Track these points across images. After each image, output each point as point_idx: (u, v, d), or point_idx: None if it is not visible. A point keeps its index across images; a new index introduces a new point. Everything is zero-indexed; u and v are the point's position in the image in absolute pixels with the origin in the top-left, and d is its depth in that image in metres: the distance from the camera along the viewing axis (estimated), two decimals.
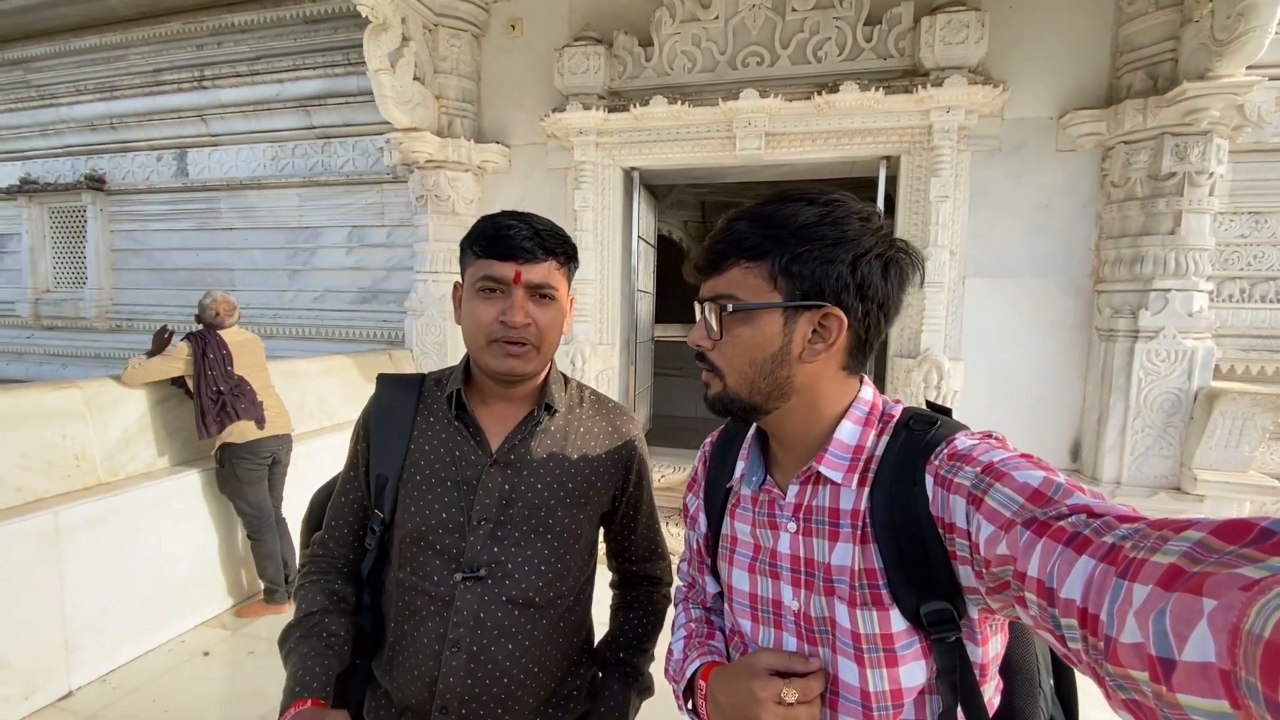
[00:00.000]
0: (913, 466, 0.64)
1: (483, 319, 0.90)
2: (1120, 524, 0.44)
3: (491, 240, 0.89)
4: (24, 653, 2.30)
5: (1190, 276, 3.10)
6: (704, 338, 0.71)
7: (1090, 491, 0.51)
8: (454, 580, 0.91)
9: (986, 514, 0.54)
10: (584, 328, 4.20)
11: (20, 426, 2.53)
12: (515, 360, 0.91)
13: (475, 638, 0.90)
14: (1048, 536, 0.47)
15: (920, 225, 3.61)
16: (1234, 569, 0.34)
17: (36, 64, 5.85)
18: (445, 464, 0.95)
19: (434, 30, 4.17)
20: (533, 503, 0.94)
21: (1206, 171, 3.03)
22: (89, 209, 6.00)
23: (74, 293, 6.25)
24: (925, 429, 0.66)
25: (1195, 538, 0.38)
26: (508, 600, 0.91)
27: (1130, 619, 0.38)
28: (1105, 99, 3.35)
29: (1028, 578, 0.48)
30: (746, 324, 0.67)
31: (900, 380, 3.64)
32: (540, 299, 0.91)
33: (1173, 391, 3.14)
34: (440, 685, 0.89)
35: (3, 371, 6.53)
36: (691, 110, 3.77)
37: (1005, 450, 0.59)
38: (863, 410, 0.71)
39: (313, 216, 5.27)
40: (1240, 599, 0.32)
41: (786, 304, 0.66)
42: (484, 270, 0.89)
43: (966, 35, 3.37)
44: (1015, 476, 0.54)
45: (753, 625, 0.75)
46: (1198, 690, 0.34)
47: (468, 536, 0.92)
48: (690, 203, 8.91)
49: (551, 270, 0.92)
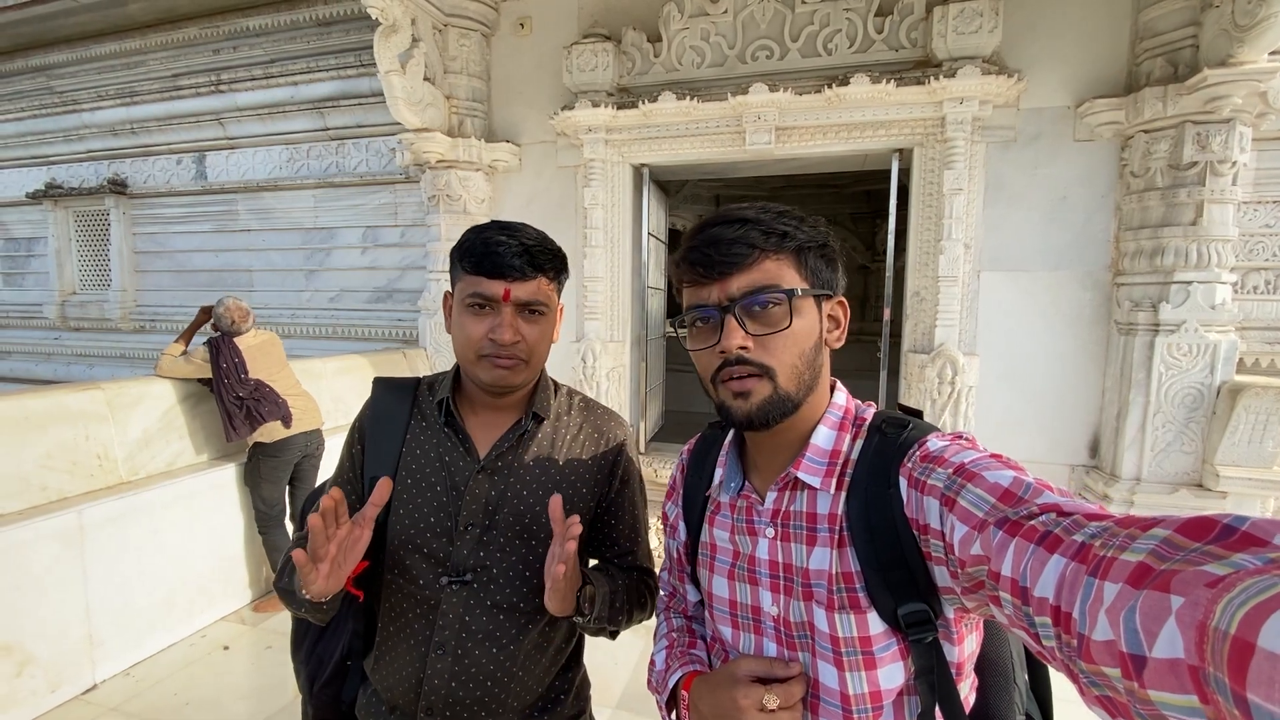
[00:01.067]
0: (886, 469, 0.64)
1: (472, 335, 0.90)
2: (1089, 522, 0.45)
3: (481, 257, 0.89)
4: (50, 647, 2.37)
5: (1213, 268, 3.03)
6: (746, 338, 0.66)
7: (1059, 490, 0.52)
8: (440, 584, 0.92)
9: (959, 515, 0.54)
10: (594, 325, 4.21)
11: (45, 428, 2.60)
12: (504, 372, 0.91)
13: (460, 641, 0.91)
14: (1020, 536, 0.48)
15: (934, 219, 3.56)
16: (1199, 566, 0.35)
17: (59, 70, 5.98)
18: (435, 469, 0.96)
19: (444, 30, 4.19)
20: (518, 509, 0.94)
21: (1229, 160, 2.94)
22: (112, 212, 6.13)
23: (99, 294, 6.40)
24: (898, 432, 0.67)
25: (1161, 535, 0.39)
26: (493, 605, 0.92)
27: (1102, 616, 0.39)
28: (1124, 87, 3.27)
29: (1002, 577, 0.49)
30: (800, 314, 0.67)
31: (914, 376, 3.61)
32: (530, 315, 0.92)
33: (1194, 386, 3.07)
34: (425, 687, 0.91)
35: (32, 372, 6.71)
36: (700, 106, 3.75)
37: (976, 451, 0.60)
38: (837, 415, 0.71)
39: (328, 217, 5.34)
40: (1206, 596, 0.33)
41: (818, 291, 0.69)
42: (473, 287, 0.89)
43: (980, 24, 3.31)
44: (986, 477, 0.55)
45: (733, 632, 0.76)
46: (1168, 686, 0.34)
47: (455, 541, 0.93)
48: (704, 196, 8.88)
49: (541, 286, 0.92)
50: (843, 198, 8.98)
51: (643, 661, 2.56)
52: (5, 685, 2.22)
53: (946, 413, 3.48)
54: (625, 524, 1.05)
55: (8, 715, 2.23)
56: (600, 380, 4.17)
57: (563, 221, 4.30)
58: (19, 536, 2.30)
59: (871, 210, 9.10)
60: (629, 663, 2.61)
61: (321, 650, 1.03)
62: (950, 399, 3.48)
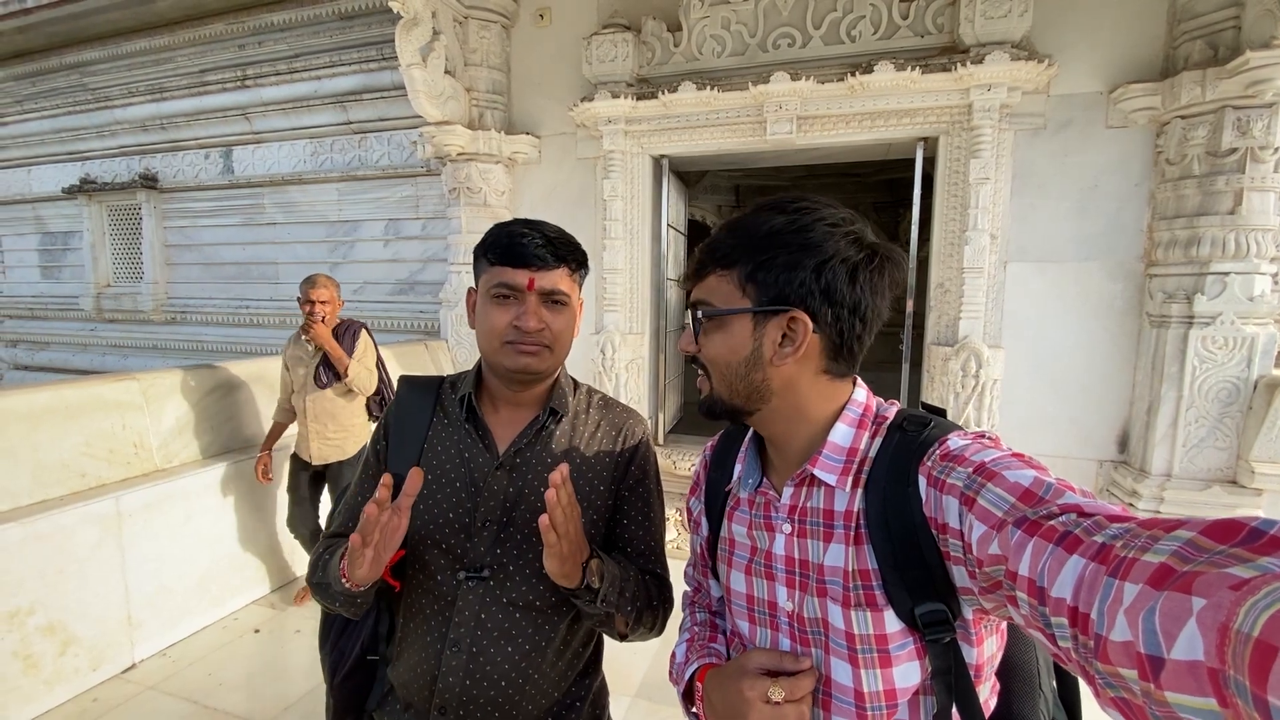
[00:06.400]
0: (906, 467, 0.64)
1: (497, 324, 0.93)
2: (1111, 523, 0.45)
3: (506, 248, 0.92)
4: (92, 628, 2.47)
5: (1251, 258, 2.93)
6: (690, 343, 0.75)
7: (1081, 490, 0.52)
8: (457, 580, 0.93)
9: (979, 514, 0.54)
10: (613, 317, 4.21)
11: (83, 417, 2.69)
12: (530, 358, 0.93)
13: (475, 638, 0.91)
14: (1039, 536, 0.48)
15: (959, 208, 3.49)
16: (1224, 568, 0.34)
17: (91, 68, 6.12)
18: (455, 465, 0.97)
19: (464, 23, 4.20)
20: (535, 505, 0.94)
21: (1271, 146, 2.84)
22: (144, 207, 6.28)
23: (132, 287, 6.58)
24: (918, 430, 0.66)
25: (1185, 537, 0.38)
26: (509, 603, 0.93)
27: (1120, 617, 0.38)
28: (1161, 71, 3.16)
29: (1019, 577, 0.48)
30: (720, 329, 0.70)
31: (937, 369, 3.56)
32: (553, 305, 0.94)
33: (1230, 380, 2.98)
34: (439, 684, 0.91)
35: (69, 362, 6.93)
36: (721, 95, 3.71)
37: (998, 450, 0.60)
38: (856, 412, 0.71)
39: (351, 210, 5.41)
40: (1229, 598, 0.32)
41: (752, 309, 0.68)
42: (499, 278, 0.92)
43: (1009, 8, 3.23)
44: (1006, 476, 0.54)
45: (750, 627, 0.77)
46: (1186, 688, 0.34)
47: (473, 538, 0.94)
48: (724, 187, 8.81)
49: (563, 277, 0.95)
50: (865, 187, 8.85)
51: (662, 651, 2.58)
52: (50, 664, 2.32)
53: (970, 406, 3.43)
54: (640, 522, 1.03)
55: (53, 693, 2.34)
56: (619, 372, 4.18)
57: (582, 213, 4.30)
58: (62, 521, 2.40)
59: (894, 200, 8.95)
60: (648, 651, 2.63)
61: (344, 644, 1.05)
62: (974, 392, 3.43)
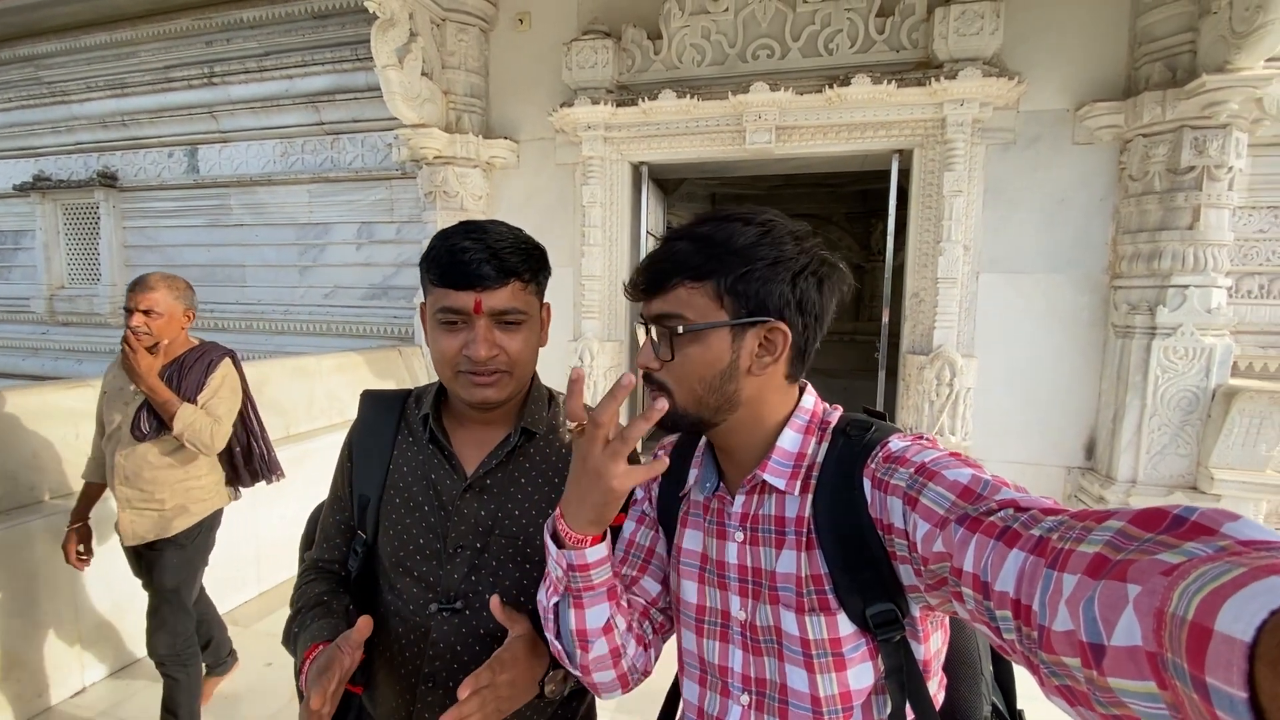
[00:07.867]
0: (851, 471, 0.65)
1: (447, 351, 0.83)
2: (1046, 516, 0.46)
3: (446, 267, 0.80)
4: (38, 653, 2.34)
5: (1209, 272, 3.05)
6: (653, 359, 0.70)
7: (1015, 486, 0.54)
8: (429, 610, 0.86)
9: (922, 513, 0.56)
10: (591, 324, 4.19)
11: (33, 426, 2.55)
12: (488, 390, 0.84)
13: (452, 673, 0.85)
14: (980, 532, 0.49)
15: (933, 220, 3.57)
16: (1154, 555, 0.36)
17: (47, 61, 5.88)
18: (423, 487, 0.90)
19: (441, 25, 4.15)
20: (511, 531, 0.88)
21: (1225, 165, 2.97)
22: (101, 206, 6.04)
23: (88, 289, 6.31)
24: (861, 433, 0.68)
25: (1116, 527, 0.40)
26: (486, 634, 0.85)
27: (1061, 607, 0.39)
28: (1123, 91, 3.29)
29: (964, 573, 0.50)
30: (697, 343, 0.68)
31: (913, 377, 3.61)
32: (506, 326, 0.84)
33: (1190, 389, 3.09)
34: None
35: (19, 367, 6.61)
36: (701, 104, 3.73)
37: (936, 450, 0.62)
38: (804, 418, 0.72)
39: (323, 213, 5.28)
40: (1163, 583, 0.33)
41: (736, 321, 0.67)
42: (442, 301, 0.82)
43: (981, 26, 3.32)
44: (946, 475, 0.56)
45: (698, 640, 0.76)
46: (1127, 673, 0.35)
47: (444, 565, 0.87)
48: (700, 195, 8.88)
49: (516, 292, 0.83)
50: (838, 197, 9.01)
51: None
52: None
53: (945, 414, 3.49)
54: None
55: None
56: (598, 379, 4.15)
57: (561, 219, 4.27)
58: None
59: (866, 210, 9.13)
60: None
61: None
62: (949, 400, 3.49)
